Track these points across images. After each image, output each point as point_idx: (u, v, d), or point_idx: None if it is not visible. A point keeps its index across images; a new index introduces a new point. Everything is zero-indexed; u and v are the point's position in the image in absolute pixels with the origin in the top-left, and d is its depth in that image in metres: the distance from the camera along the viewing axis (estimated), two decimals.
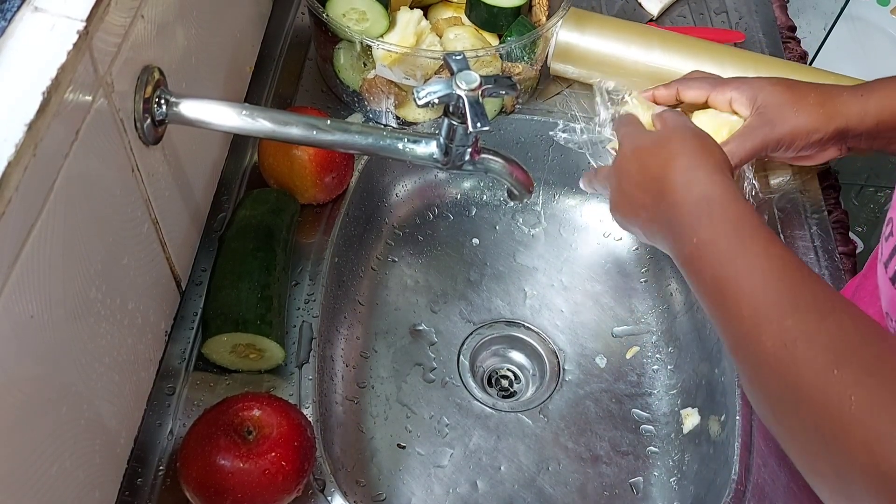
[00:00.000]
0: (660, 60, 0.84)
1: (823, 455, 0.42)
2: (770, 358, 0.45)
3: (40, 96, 0.40)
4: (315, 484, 0.60)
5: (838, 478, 0.41)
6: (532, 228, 0.90)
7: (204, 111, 0.56)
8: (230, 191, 0.75)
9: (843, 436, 0.40)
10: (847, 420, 0.40)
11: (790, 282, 0.47)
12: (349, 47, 0.79)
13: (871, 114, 0.67)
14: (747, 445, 0.66)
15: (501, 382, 0.81)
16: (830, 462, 0.41)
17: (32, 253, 0.41)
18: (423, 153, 0.60)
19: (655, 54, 0.84)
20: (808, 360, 0.43)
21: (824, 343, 0.43)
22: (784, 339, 0.44)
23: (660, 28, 0.94)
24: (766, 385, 0.46)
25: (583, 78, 0.87)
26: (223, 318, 0.63)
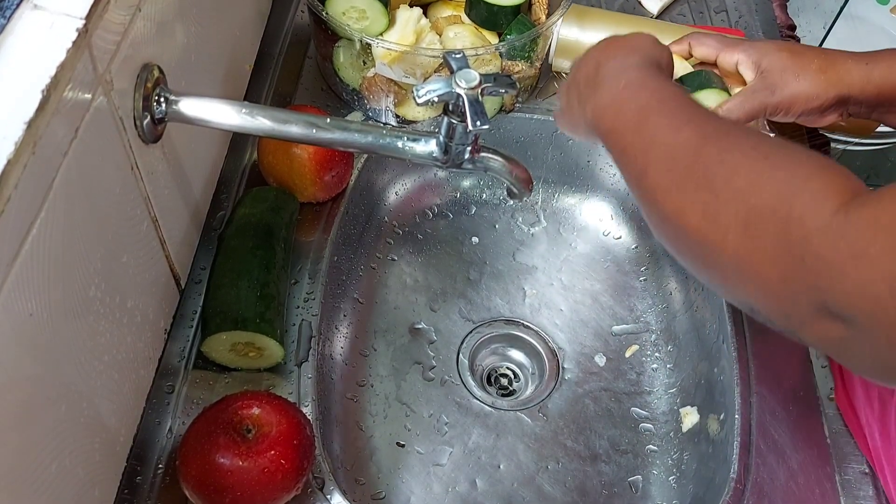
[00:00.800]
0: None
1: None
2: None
3: (39, 94, 0.40)
4: (314, 482, 0.60)
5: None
6: (531, 227, 0.90)
7: (203, 109, 0.56)
8: (230, 189, 0.75)
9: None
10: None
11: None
12: (349, 45, 0.79)
13: (873, 83, 0.67)
14: (746, 444, 0.66)
15: (501, 381, 0.81)
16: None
17: (32, 251, 0.41)
18: (423, 151, 0.60)
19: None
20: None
21: (732, 145, 0.48)
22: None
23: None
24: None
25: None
26: (222, 316, 0.63)
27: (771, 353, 0.71)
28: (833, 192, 0.42)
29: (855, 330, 0.40)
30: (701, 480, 0.69)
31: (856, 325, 0.40)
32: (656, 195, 0.50)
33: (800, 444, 0.66)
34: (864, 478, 0.65)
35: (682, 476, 0.72)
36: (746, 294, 0.46)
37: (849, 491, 0.64)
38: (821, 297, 0.41)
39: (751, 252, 0.44)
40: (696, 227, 0.47)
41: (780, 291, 0.43)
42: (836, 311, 0.40)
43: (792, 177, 0.44)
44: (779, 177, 0.44)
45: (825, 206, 0.41)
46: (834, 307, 0.40)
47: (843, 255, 0.39)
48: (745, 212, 0.44)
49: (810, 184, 0.43)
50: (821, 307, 0.41)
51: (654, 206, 0.50)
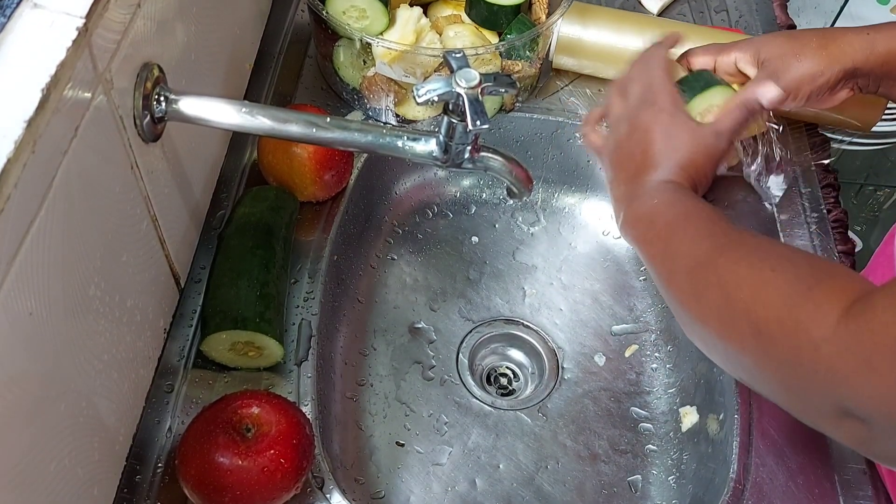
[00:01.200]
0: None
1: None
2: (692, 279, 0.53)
3: (39, 93, 0.40)
4: (314, 481, 0.60)
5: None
6: (531, 226, 0.90)
7: (203, 108, 0.56)
8: (229, 188, 0.75)
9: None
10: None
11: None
12: (349, 45, 0.79)
13: (877, 52, 0.67)
14: (746, 444, 0.66)
15: (500, 381, 0.81)
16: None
17: (31, 250, 0.41)
18: (423, 151, 0.60)
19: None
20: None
21: (744, 256, 0.51)
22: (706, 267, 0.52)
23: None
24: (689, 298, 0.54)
25: (587, 70, 0.88)
26: (222, 315, 0.63)
27: None
28: (835, 301, 0.43)
29: (875, 430, 0.42)
30: (700, 480, 0.69)
31: (874, 425, 0.42)
32: (681, 301, 0.54)
33: (799, 445, 0.66)
34: (863, 477, 0.65)
35: (681, 476, 0.72)
36: (772, 394, 0.49)
37: (848, 491, 0.64)
38: (838, 402, 0.43)
39: (768, 358, 0.47)
40: (717, 333, 0.50)
41: (801, 394, 0.46)
42: (853, 412, 0.42)
43: (795, 288, 0.46)
44: (783, 288, 0.46)
45: (828, 316, 0.43)
46: (851, 410, 0.42)
47: (851, 365, 0.41)
48: (756, 321, 0.47)
49: (813, 294, 0.45)
50: (839, 409, 0.43)
51: (680, 311, 0.54)
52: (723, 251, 0.51)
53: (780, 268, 0.48)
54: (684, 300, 0.54)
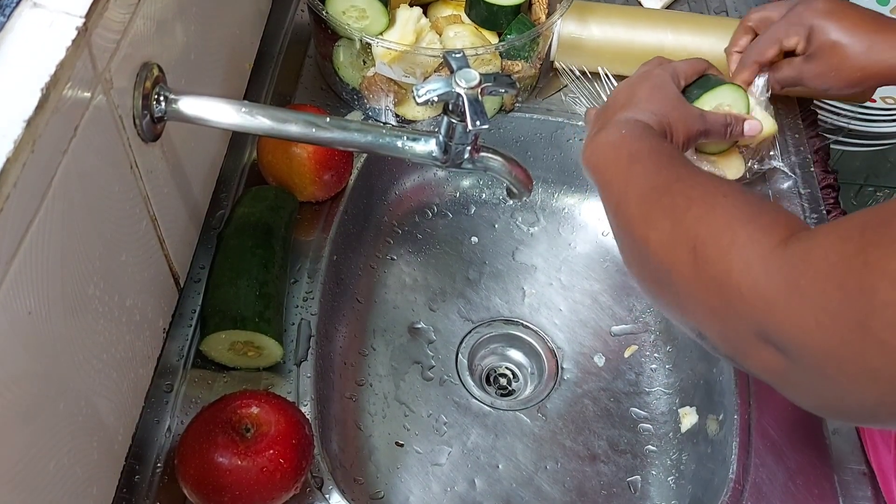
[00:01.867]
0: (670, 40, 0.85)
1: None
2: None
3: (39, 93, 0.40)
4: (313, 481, 0.60)
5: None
6: (531, 227, 0.90)
7: (203, 108, 0.56)
8: (229, 188, 0.75)
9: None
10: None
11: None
12: (349, 45, 0.79)
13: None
14: (745, 444, 0.66)
15: (500, 381, 0.81)
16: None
17: (30, 249, 0.41)
18: (423, 151, 0.60)
19: (666, 34, 0.85)
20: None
21: (698, 186, 0.52)
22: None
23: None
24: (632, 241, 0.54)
25: (590, 68, 0.88)
26: (221, 315, 0.63)
27: None
28: (778, 228, 0.44)
29: (790, 361, 0.41)
30: (700, 481, 0.69)
31: (790, 355, 0.41)
32: (629, 224, 0.54)
33: (798, 445, 0.66)
34: (862, 478, 0.65)
35: (680, 476, 0.72)
36: (694, 320, 0.49)
37: (847, 491, 0.64)
38: (759, 326, 0.42)
39: (699, 279, 0.47)
40: (656, 254, 0.50)
41: (723, 319, 0.46)
42: (772, 340, 0.42)
43: (742, 211, 0.47)
44: (730, 210, 0.47)
45: (768, 239, 0.43)
46: (771, 336, 0.42)
47: (778, 286, 0.41)
48: (695, 238, 0.47)
49: (758, 219, 0.45)
50: (760, 336, 0.43)
51: (626, 235, 0.55)
52: (680, 179, 0.52)
53: (731, 195, 0.49)
54: (631, 223, 0.54)
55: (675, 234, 0.49)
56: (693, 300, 0.48)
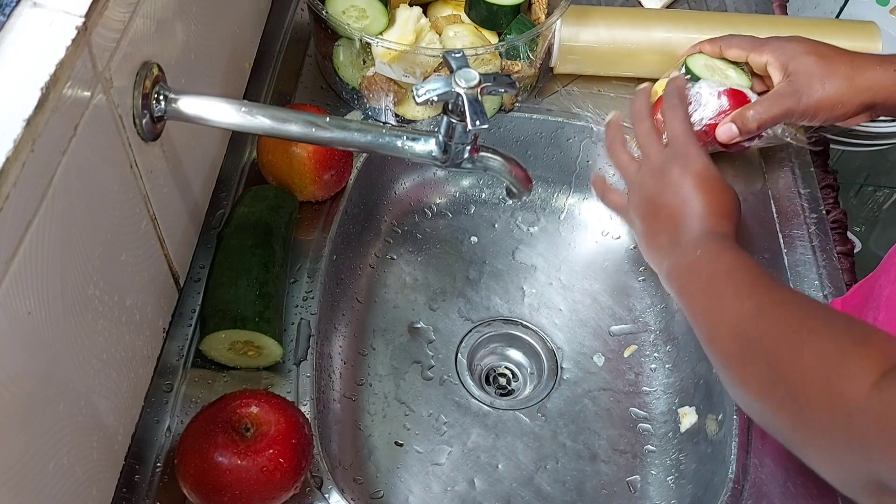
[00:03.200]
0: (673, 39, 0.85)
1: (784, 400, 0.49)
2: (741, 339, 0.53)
3: (38, 92, 0.40)
4: (313, 481, 0.60)
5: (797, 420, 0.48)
6: (531, 226, 0.90)
7: (203, 107, 0.56)
8: (229, 188, 0.75)
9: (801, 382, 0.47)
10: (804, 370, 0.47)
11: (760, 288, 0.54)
12: (349, 44, 0.79)
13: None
14: (745, 444, 0.66)
15: (499, 380, 0.81)
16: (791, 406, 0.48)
17: (30, 249, 0.41)
18: (422, 151, 0.60)
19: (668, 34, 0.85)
20: (772, 332, 0.51)
21: (783, 319, 0.51)
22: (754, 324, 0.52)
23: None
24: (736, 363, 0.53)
25: (590, 72, 0.87)
26: (221, 314, 0.63)
27: None
28: (868, 368, 0.43)
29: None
30: (699, 481, 0.69)
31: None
32: (723, 360, 0.54)
33: None
34: None
35: (680, 476, 0.72)
36: (810, 460, 0.49)
37: None
38: (872, 471, 0.42)
39: (803, 424, 0.47)
40: (757, 395, 0.50)
41: (838, 462, 0.45)
42: (888, 485, 0.42)
43: (830, 352, 0.46)
44: (818, 352, 0.46)
45: (861, 385, 0.43)
46: (886, 482, 0.42)
47: (885, 437, 0.41)
48: (793, 386, 0.47)
49: (847, 360, 0.44)
50: (873, 480, 0.43)
51: (722, 369, 0.55)
52: (763, 310, 0.52)
53: (816, 330, 0.48)
54: (726, 360, 0.54)
55: (773, 379, 0.48)
56: (805, 443, 0.48)
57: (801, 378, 0.46)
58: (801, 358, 0.47)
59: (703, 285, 0.58)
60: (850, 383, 0.43)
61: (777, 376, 0.48)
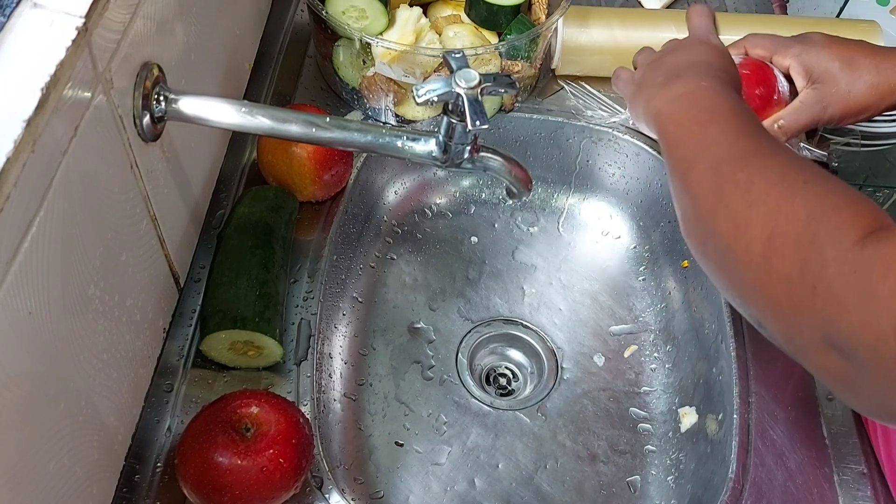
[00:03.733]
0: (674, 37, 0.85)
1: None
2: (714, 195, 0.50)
3: (39, 92, 0.40)
4: (313, 481, 0.60)
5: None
6: (531, 226, 0.90)
7: (203, 108, 0.56)
8: (229, 188, 0.75)
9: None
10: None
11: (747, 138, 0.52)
12: (348, 45, 0.79)
13: None
14: (745, 444, 0.66)
15: (499, 380, 0.81)
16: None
17: (31, 249, 0.41)
18: (422, 151, 0.60)
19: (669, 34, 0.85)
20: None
21: (777, 166, 0.48)
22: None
23: None
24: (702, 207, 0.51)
25: (592, 73, 0.87)
26: (221, 315, 0.63)
27: (770, 354, 0.71)
28: (858, 225, 0.42)
29: (856, 366, 0.40)
30: (699, 480, 0.69)
31: (857, 360, 0.40)
32: (697, 193, 0.51)
33: (798, 445, 0.66)
34: (862, 478, 0.65)
35: (680, 476, 0.72)
36: (757, 310, 0.47)
37: (847, 491, 0.64)
38: (826, 327, 0.41)
39: (768, 270, 0.45)
40: (724, 233, 0.48)
41: (789, 315, 0.44)
42: (839, 344, 0.41)
43: (823, 204, 0.44)
44: (811, 201, 0.45)
45: (846, 238, 0.42)
46: (838, 340, 0.41)
47: (854, 289, 0.40)
48: (772, 228, 0.45)
49: (838, 213, 0.43)
50: (825, 338, 0.41)
51: (692, 204, 0.51)
52: (760, 153, 0.49)
53: (812, 181, 0.46)
54: (701, 193, 0.51)
55: (750, 217, 0.46)
56: (759, 290, 0.46)
57: (783, 222, 0.45)
58: (791, 203, 0.45)
59: (701, 116, 0.54)
60: (834, 234, 0.42)
61: (755, 217, 0.46)
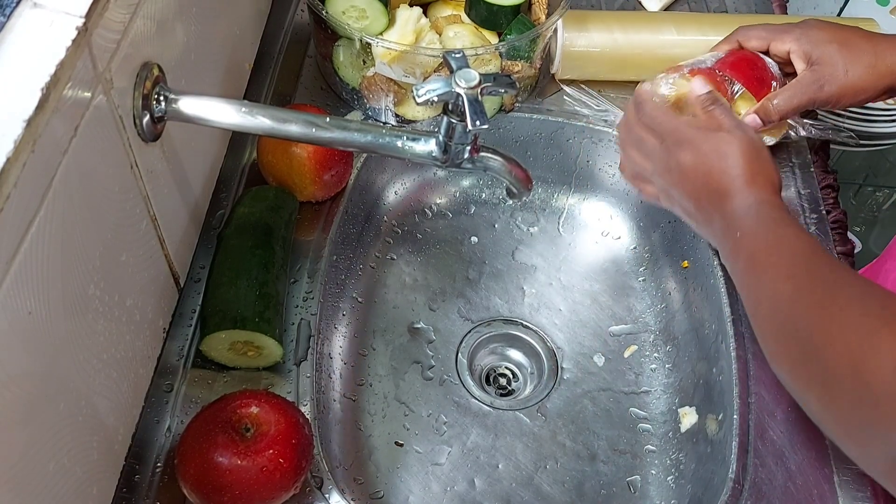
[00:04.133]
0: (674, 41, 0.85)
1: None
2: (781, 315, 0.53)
3: (39, 92, 0.40)
4: (313, 481, 0.60)
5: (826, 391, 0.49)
6: (531, 227, 0.90)
7: (203, 108, 0.56)
8: (229, 188, 0.75)
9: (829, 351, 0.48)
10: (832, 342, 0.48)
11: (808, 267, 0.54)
12: (349, 45, 0.79)
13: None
14: (744, 444, 0.66)
15: (499, 381, 0.81)
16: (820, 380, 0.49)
17: (31, 249, 0.41)
18: (422, 151, 0.60)
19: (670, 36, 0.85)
20: (810, 314, 0.51)
21: (817, 300, 0.51)
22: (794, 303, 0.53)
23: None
24: (779, 341, 0.54)
25: (595, 77, 0.87)
26: (221, 315, 0.63)
27: None
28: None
29: None
30: (699, 481, 0.69)
31: None
32: (762, 335, 0.55)
33: (798, 445, 0.66)
34: (862, 479, 0.65)
35: (680, 476, 0.72)
36: (834, 437, 0.50)
37: (847, 492, 0.64)
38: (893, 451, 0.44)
39: (834, 404, 0.48)
40: (788, 372, 0.52)
41: (864, 441, 0.47)
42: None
43: (859, 333, 0.46)
44: (847, 330, 0.47)
45: (889, 366, 0.44)
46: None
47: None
48: (823, 368, 0.48)
49: (877, 339, 0.45)
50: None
51: (762, 345, 0.56)
52: (801, 294, 0.52)
53: (848, 307, 0.48)
54: (764, 337, 0.55)
55: (805, 360, 0.50)
56: (830, 421, 0.49)
57: (831, 358, 0.47)
58: (831, 338, 0.47)
59: (745, 265, 0.58)
60: (877, 364, 0.44)
61: (807, 356, 0.49)
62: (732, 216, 0.59)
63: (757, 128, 0.73)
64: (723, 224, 0.60)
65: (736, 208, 0.59)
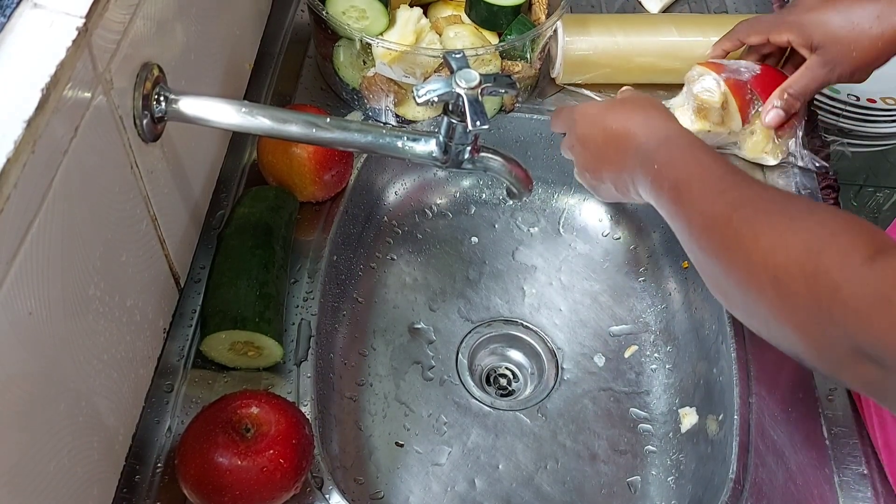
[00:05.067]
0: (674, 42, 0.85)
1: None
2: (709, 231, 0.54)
3: (39, 93, 0.40)
4: (313, 481, 0.60)
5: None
6: (531, 227, 0.90)
7: (203, 108, 0.56)
8: (229, 188, 0.75)
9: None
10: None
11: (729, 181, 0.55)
12: (349, 45, 0.79)
13: None
14: (745, 444, 0.66)
15: (500, 381, 0.81)
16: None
17: (31, 250, 0.41)
18: (423, 151, 0.60)
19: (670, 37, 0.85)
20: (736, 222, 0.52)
21: (760, 211, 0.51)
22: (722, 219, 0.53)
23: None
24: (710, 251, 0.54)
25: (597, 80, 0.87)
26: (222, 315, 0.63)
27: (770, 354, 0.71)
28: (860, 246, 0.44)
29: (887, 371, 0.42)
30: (699, 481, 0.69)
31: (887, 366, 0.42)
32: (704, 258, 0.55)
33: (798, 445, 0.66)
34: (863, 479, 0.65)
35: (680, 476, 0.72)
36: (789, 343, 0.50)
37: (847, 492, 0.64)
38: (853, 341, 0.43)
39: (786, 305, 0.47)
40: (738, 285, 0.51)
41: (818, 339, 0.46)
42: (868, 352, 0.43)
43: (818, 234, 0.47)
44: (804, 235, 0.47)
45: (852, 259, 0.44)
46: (866, 349, 0.43)
47: (870, 302, 0.42)
48: (774, 269, 0.47)
49: (837, 239, 0.46)
50: (855, 351, 0.44)
51: (704, 268, 0.55)
52: (738, 208, 0.52)
53: (799, 217, 0.49)
54: (707, 258, 0.54)
55: (752, 267, 0.49)
56: (784, 325, 0.49)
57: (784, 260, 0.47)
58: (784, 241, 0.47)
59: (670, 193, 0.57)
60: (839, 260, 0.44)
61: (757, 263, 0.49)
62: (646, 153, 0.60)
63: (779, 121, 0.73)
64: (638, 165, 0.61)
65: (645, 144, 0.61)
